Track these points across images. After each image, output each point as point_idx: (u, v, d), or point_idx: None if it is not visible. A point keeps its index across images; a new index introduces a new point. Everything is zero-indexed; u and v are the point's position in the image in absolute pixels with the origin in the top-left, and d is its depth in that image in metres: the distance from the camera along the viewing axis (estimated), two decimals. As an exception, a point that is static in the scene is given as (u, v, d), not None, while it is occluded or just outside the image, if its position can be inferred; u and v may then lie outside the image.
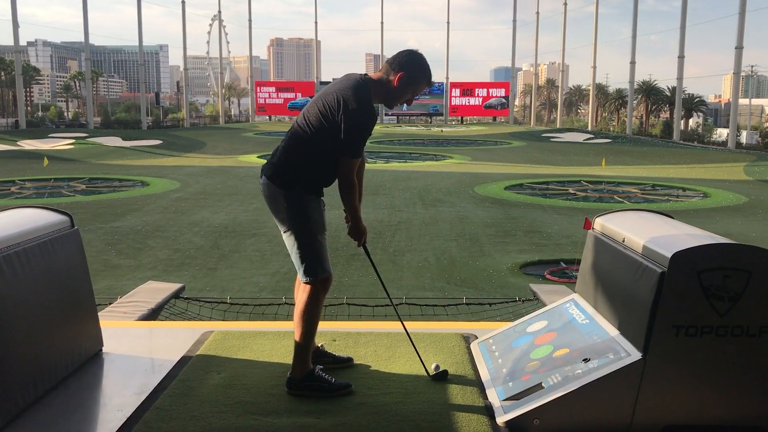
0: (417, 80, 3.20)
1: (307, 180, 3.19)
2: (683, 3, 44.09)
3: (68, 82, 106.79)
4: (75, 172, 24.11)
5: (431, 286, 9.26)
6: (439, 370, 3.34)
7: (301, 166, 3.17)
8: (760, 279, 2.70)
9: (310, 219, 3.21)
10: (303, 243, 3.20)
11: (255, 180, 20.95)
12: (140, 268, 10.12)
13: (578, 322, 3.42)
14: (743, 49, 38.15)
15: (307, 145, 3.17)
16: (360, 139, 3.13)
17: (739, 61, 38.54)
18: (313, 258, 3.21)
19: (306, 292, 3.21)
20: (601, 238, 3.52)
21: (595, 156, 31.61)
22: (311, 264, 3.20)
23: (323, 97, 3.17)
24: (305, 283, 3.22)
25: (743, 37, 37.93)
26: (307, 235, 3.21)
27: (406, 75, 3.16)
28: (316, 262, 3.21)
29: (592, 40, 56.00)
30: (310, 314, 3.20)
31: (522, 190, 20.25)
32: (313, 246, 3.22)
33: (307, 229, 3.21)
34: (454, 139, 45.41)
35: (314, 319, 3.23)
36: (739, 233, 12.63)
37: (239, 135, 46.19)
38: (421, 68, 3.21)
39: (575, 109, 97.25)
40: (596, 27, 56.23)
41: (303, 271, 3.21)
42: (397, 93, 3.21)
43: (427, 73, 3.23)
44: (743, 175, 24.90)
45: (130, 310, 5.14)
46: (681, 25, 43.93)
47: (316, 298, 3.21)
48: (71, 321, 3.40)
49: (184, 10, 59.63)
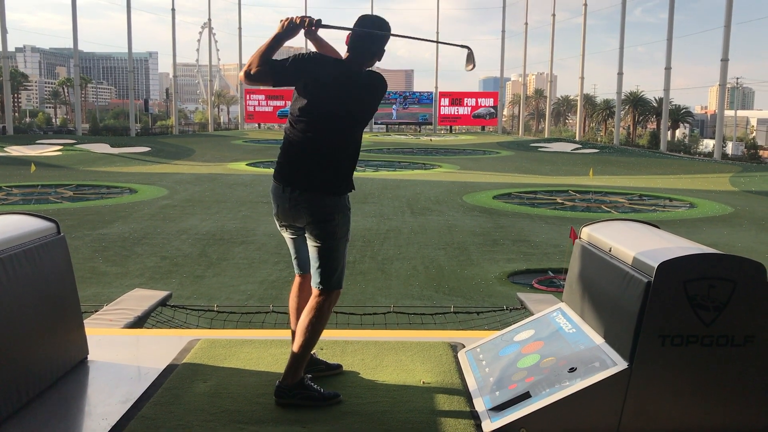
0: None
1: (350, 176, 3.24)
2: (670, 15, 44.51)
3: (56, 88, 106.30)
4: (62, 179, 23.95)
5: (420, 295, 9.26)
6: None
7: (349, 168, 3.22)
8: (745, 289, 2.73)
9: (349, 227, 3.26)
10: (341, 252, 3.22)
11: (244, 187, 20.84)
12: (127, 276, 10.06)
13: (565, 332, 3.44)
14: (729, 61, 38.58)
15: (349, 141, 3.22)
16: None
17: (725, 73, 38.97)
18: (342, 268, 3.25)
19: (324, 300, 3.19)
20: (588, 248, 3.54)
21: (583, 166, 31.79)
22: (340, 274, 3.24)
23: (358, 94, 3.19)
24: (328, 291, 3.20)
25: (729, 49, 38.35)
26: (344, 245, 3.24)
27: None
28: (343, 272, 3.26)
29: (580, 51, 56.37)
30: (322, 323, 3.19)
31: (510, 199, 20.32)
32: (345, 256, 3.26)
33: (346, 238, 3.25)
34: (443, 148, 45.52)
35: (322, 329, 3.22)
36: (725, 243, 12.73)
37: (228, 142, 46.10)
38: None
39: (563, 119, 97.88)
40: (584, 38, 56.70)
41: (333, 280, 3.20)
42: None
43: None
44: (729, 186, 25.12)
45: (116, 318, 5.11)
46: (668, 37, 44.33)
47: (331, 307, 3.22)
48: (56, 328, 3.37)
49: (174, 18, 59.64)
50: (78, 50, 53.63)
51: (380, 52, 3.26)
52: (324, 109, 3.15)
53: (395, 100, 69.08)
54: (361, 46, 3.20)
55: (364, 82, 3.20)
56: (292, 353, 3.19)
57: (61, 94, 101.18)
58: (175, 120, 64.61)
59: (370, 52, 3.22)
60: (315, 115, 3.15)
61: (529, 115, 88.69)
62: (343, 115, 3.16)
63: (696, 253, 2.87)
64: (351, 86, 3.16)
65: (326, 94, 3.15)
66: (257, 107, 67.14)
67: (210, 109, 75.40)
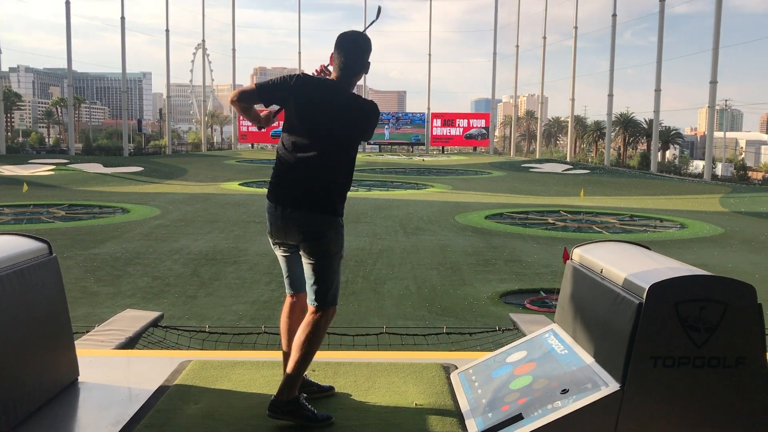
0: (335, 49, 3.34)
1: (341, 195, 3.28)
2: (659, 38, 45.02)
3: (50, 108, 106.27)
4: (54, 199, 23.87)
5: (412, 315, 9.25)
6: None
7: (343, 187, 3.27)
8: (736, 311, 2.74)
9: (343, 244, 3.30)
10: (335, 269, 3.27)
11: (236, 207, 20.79)
12: (119, 296, 10.01)
13: (557, 353, 3.44)
14: (717, 83, 39.03)
15: (339, 162, 3.26)
16: None
17: (714, 95, 39.36)
18: (337, 285, 3.28)
19: (320, 317, 3.21)
20: (580, 269, 3.56)
21: (574, 186, 31.95)
22: (335, 290, 3.27)
23: (345, 116, 3.24)
24: (323, 308, 3.22)
25: (717, 72, 38.82)
26: (338, 261, 3.28)
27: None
28: (338, 289, 3.29)
29: (571, 73, 56.94)
30: (318, 340, 3.21)
31: (502, 219, 20.38)
32: (339, 273, 3.30)
33: (340, 255, 3.28)
34: (435, 169, 45.68)
35: (318, 346, 3.23)
36: (715, 264, 12.78)
37: (221, 162, 46.12)
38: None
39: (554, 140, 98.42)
40: (574, 60, 57.30)
41: (328, 297, 3.24)
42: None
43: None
44: (719, 207, 25.28)
45: (107, 339, 5.08)
46: (657, 59, 44.82)
47: (327, 324, 3.24)
48: (47, 349, 3.35)
49: (168, 39, 59.79)
50: (72, 70, 53.75)
51: (365, 66, 3.34)
52: (312, 131, 3.22)
53: (388, 121, 69.39)
54: (344, 65, 3.27)
55: (353, 105, 3.27)
56: (287, 371, 3.19)
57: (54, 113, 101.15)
58: (168, 140, 64.56)
59: (353, 69, 3.30)
60: (303, 137, 3.23)
61: (521, 136, 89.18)
62: (330, 136, 3.22)
63: (687, 274, 2.89)
64: (337, 108, 3.23)
65: (313, 116, 3.22)
66: (251, 127, 66.67)
67: (203, 129, 75.50)
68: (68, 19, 49.66)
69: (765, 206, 25.37)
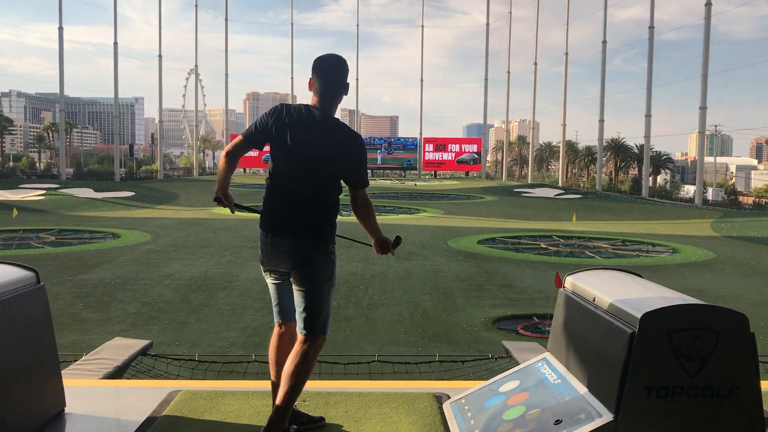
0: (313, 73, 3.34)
1: (329, 221, 3.30)
2: (649, 65, 45.59)
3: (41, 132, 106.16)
4: (45, 224, 23.73)
5: (405, 341, 9.18)
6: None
7: (331, 214, 3.29)
8: (729, 340, 2.73)
9: (334, 272, 3.30)
10: (327, 297, 3.26)
11: (228, 232, 20.71)
12: (108, 322, 9.91)
13: (550, 382, 3.41)
14: (707, 109, 39.52)
15: (332, 192, 3.28)
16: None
17: (704, 121, 39.84)
18: (327, 313, 3.26)
19: (310, 346, 3.17)
20: (572, 297, 3.54)
21: (566, 211, 32.06)
22: (325, 319, 3.24)
23: (331, 145, 3.24)
24: (313, 337, 3.19)
25: (707, 98, 39.33)
26: (328, 289, 3.27)
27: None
28: (328, 318, 3.27)
29: (562, 99, 57.52)
30: (307, 370, 3.16)
31: (495, 244, 20.37)
32: (330, 301, 3.29)
33: (330, 282, 3.27)
34: (427, 193, 45.78)
35: (308, 376, 3.19)
36: (708, 289, 12.80)
37: (213, 187, 45.75)
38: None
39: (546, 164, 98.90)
40: (565, 86, 57.91)
41: (317, 325, 3.20)
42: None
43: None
44: (710, 231, 25.39)
45: (95, 368, 5.00)
46: (647, 85, 45.35)
47: (316, 354, 3.20)
48: (32, 380, 3.29)
49: (160, 64, 60.14)
50: (64, 95, 53.84)
51: (344, 88, 3.34)
52: (296, 160, 3.23)
53: (380, 146, 69.76)
54: (323, 89, 3.28)
55: (337, 133, 3.26)
56: (276, 403, 3.14)
57: (45, 138, 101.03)
58: (159, 165, 64.58)
59: (333, 92, 3.30)
60: (288, 165, 3.25)
61: (513, 161, 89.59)
62: (313, 163, 3.22)
63: (679, 303, 2.87)
64: (319, 135, 3.23)
65: (295, 145, 3.23)
66: (243, 152, 67.28)
67: (195, 154, 75.54)
68: (61, 45, 49.88)
69: (756, 231, 25.50)
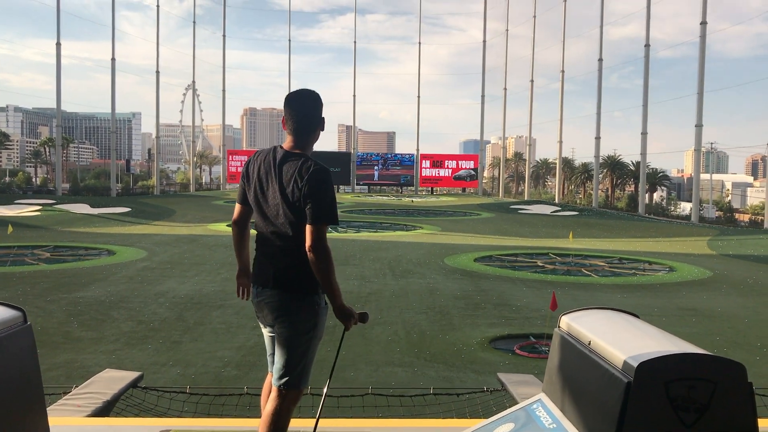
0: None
1: (305, 272, 3.14)
2: (645, 82, 45.90)
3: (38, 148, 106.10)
4: (40, 240, 23.64)
5: (400, 361, 9.11)
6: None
7: (304, 261, 3.09)
8: (725, 390, 2.69)
9: (317, 323, 3.19)
10: (303, 350, 3.13)
11: (224, 249, 20.58)
12: (102, 341, 9.82)
13: (545, 426, 3.35)
14: (703, 126, 39.69)
15: (299, 234, 3.09)
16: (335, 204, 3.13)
17: (699, 138, 40.00)
18: (307, 368, 3.14)
19: (284, 400, 3.08)
20: (568, 339, 3.50)
21: (563, 228, 32.06)
22: (304, 373, 3.13)
23: (285, 183, 3.10)
24: (285, 390, 3.09)
25: (702, 115, 39.50)
26: (307, 341, 3.14)
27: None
28: (306, 372, 3.15)
29: (558, 116, 57.70)
30: (285, 423, 3.07)
31: (491, 261, 20.33)
32: (312, 355, 3.16)
33: (311, 334, 3.15)
34: (424, 209, 45.77)
35: (286, 428, 3.10)
36: (704, 308, 12.76)
37: (209, 203, 46.04)
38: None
39: (542, 181, 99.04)
40: (562, 103, 58.08)
41: (291, 378, 3.09)
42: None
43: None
44: (707, 249, 25.40)
45: (84, 403, 4.92)
46: (643, 103, 45.62)
47: (288, 410, 3.10)
48: (17, 421, 3.18)
49: (158, 80, 60.32)
50: (61, 110, 53.86)
51: (318, 123, 3.25)
52: (265, 212, 3.19)
53: (377, 162, 69.88)
54: (296, 125, 3.20)
55: (289, 172, 3.10)
56: None
57: (42, 153, 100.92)
58: (156, 180, 64.53)
59: (306, 129, 3.21)
60: (260, 217, 3.23)
61: (509, 177, 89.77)
62: (281, 214, 3.13)
63: (676, 352, 2.83)
64: (274, 177, 3.14)
65: (263, 196, 3.20)
66: (239, 167, 67.28)
67: (192, 170, 75.55)
68: (58, 61, 49.93)
69: (752, 249, 25.53)
